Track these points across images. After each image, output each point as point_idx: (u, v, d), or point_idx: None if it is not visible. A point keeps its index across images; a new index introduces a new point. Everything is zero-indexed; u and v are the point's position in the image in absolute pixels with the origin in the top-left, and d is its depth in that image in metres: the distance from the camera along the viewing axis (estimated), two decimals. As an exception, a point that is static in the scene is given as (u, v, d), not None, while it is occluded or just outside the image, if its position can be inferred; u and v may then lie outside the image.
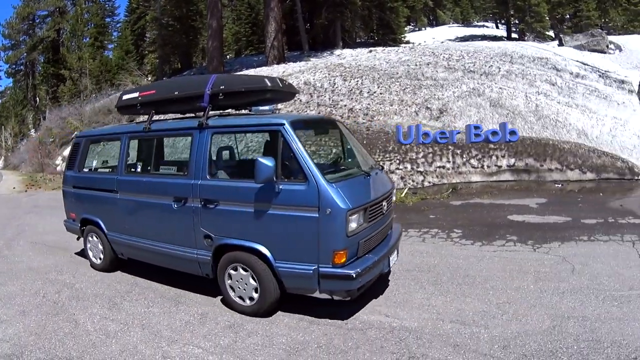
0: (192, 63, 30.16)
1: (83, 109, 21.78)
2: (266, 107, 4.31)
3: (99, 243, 5.26)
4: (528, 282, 4.43)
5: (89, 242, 5.42)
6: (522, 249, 5.60)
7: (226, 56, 28.15)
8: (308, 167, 3.51)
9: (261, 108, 4.28)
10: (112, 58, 37.81)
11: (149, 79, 26.80)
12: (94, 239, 5.34)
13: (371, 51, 16.48)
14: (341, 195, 3.45)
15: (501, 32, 31.06)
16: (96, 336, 3.54)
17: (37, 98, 38.36)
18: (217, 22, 19.03)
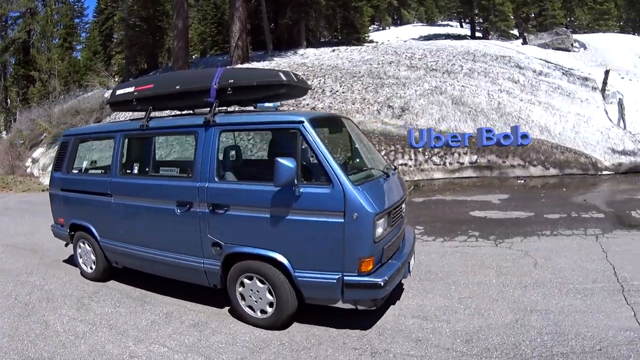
0: (159, 63, 29.50)
1: (52, 110, 21.10)
2: (270, 104, 3.95)
3: (90, 251, 4.83)
4: (490, 277, 4.36)
5: (79, 248, 4.98)
6: (484, 244, 5.52)
7: (192, 56, 27.62)
8: (332, 169, 3.21)
9: (266, 105, 3.93)
10: (80, 59, 36.97)
11: (115, 79, 25.95)
12: (84, 246, 4.91)
13: (334, 50, 16.25)
14: (368, 198, 3.17)
15: (465, 31, 31.30)
16: (66, 337, 3.58)
17: (9, 100, 36.66)
18: (183, 22, 18.62)
